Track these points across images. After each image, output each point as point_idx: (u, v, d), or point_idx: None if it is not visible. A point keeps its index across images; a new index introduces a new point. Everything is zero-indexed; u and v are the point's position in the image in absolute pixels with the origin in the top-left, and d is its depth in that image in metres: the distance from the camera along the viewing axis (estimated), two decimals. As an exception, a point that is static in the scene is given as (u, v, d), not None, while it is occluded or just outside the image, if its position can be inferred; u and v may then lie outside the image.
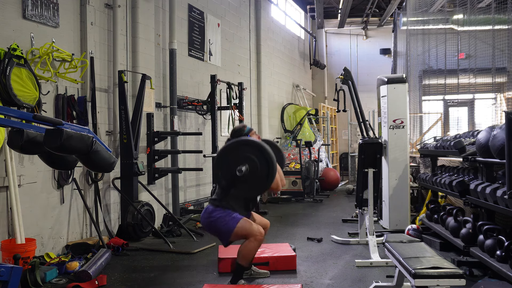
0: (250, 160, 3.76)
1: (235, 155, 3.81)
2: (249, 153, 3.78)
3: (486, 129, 4.18)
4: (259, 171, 3.76)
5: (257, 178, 3.78)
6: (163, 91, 7.18)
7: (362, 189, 5.61)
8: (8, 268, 2.62)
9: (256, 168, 3.75)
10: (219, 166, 3.90)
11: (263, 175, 3.77)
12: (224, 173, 3.84)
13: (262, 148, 3.80)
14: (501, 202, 3.70)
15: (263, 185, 3.85)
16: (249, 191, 3.92)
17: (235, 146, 3.88)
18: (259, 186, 3.88)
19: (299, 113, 12.55)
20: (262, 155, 3.78)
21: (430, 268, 2.96)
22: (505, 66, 7.29)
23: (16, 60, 4.38)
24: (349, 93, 6.93)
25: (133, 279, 4.37)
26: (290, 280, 4.28)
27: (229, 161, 3.80)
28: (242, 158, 3.76)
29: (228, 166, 3.79)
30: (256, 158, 3.77)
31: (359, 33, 15.72)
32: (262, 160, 3.77)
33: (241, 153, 3.79)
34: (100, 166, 3.16)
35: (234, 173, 3.72)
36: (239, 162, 3.73)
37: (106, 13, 6.00)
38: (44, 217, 4.99)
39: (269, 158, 3.77)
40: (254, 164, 3.76)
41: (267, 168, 3.76)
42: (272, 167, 3.76)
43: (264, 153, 3.78)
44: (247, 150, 3.81)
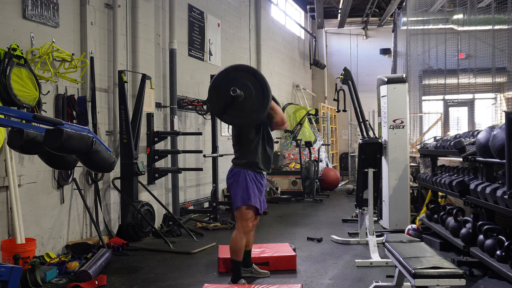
0: (243, 83, 3.76)
1: (228, 81, 3.78)
2: (242, 78, 3.78)
3: (486, 129, 4.18)
4: (254, 93, 3.75)
5: (254, 100, 3.76)
6: (163, 91, 7.18)
7: (362, 189, 5.61)
8: (8, 268, 2.62)
9: (251, 90, 3.75)
10: (213, 90, 3.88)
11: (259, 96, 3.75)
12: (218, 98, 3.83)
13: (254, 71, 3.83)
14: (501, 202, 3.70)
15: (261, 105, 3.78)
16: (248, 116, 3.85)
17: (226, 73, 3.87)
18: (258, 108, 3.80)
19: (299, 113, 12.55)
20: (254, 77, 3.78)
21: (430, 268, 2.96)
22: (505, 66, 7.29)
23: (16, 60, 4.38)
24: (349, 93, 6.93)
25: (133, 279, 4.37)
26: (290, 280, 4.29)
27: (222, 84, 3.79)
28: (235, 83, 3.75)
29: (224, 92, 3.76)
30: (249, 81, 3.77)
31: (359, 33, 15.73)
32: (255, 82, 3.76)
33: (233, 79, 3.78)
34: (100, 166, 3.16)
35: (230, 97, 3.70)
36: (234, 85, 3.72)
37: (106, 13, 6.00)
38: (44, 217, 4.99)
39: (262, 79, 3.77)
40: (247, 87, 3.75)
41: (261, 89, 3.75)
42: (266, 87, 3.76)
43: (256, 75, 3.80)
44: (239, 75, 3.81)
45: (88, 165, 3.16)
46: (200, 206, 8.03)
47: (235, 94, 3.65)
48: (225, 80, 3.81)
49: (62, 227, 5.25)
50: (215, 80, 3.90)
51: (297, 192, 9.93)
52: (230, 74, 3.85)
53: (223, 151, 7.72)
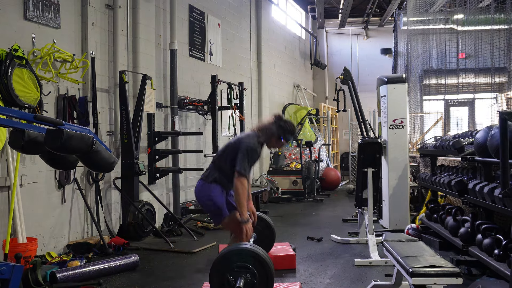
0: (244, 268, 3.34)
1: (230, 266, 3.38)
2: (240, 262, 3.35)
3: (484, 129, 4.20)
4: (257, 276, 3.30)
5: (259, 284, 3.32)
6: (164, 91, 7.21)
7: (361, 189, 5.63)
8: (10, 266, 2.64)
9: (253, 275, 3.30)
10: (215, 283, 3.48)
11: (263, 282, 3.31)
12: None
13: (255, 254, 3.34)
14: (498, 202, 3.72)
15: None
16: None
17: (227, 258, 3.42)
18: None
19: (300, 113, 12.57)
20: (257, 262, 3.33)
21: (428, 267, 2.98)
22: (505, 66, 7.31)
23: (18, 61, 4.41)
24: (349, 93, 6.96)
25: (133, 278, 4.40)
26: (290, 279, 4.31)
27: (224, 275, 3.39)
28: (235, 270, 3.35)
29: (224, 281, 3.39)
30: (250, 264, 3.33)
31: (360, 33, 15.73)
32: (260, 271, 3.32)
33: (235, 264, 3.36)
34: (100, 166, 3.17)
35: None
36: (235, 275, 3.34)
37: (107, 13, 6.03)
38: (46, 217, 5.02)
39: (265, 264, 3.32)
40: (249, 271, 3.32)
41: (265, 274, 3.31)
42: (272, 279, 3.33)
43: (258, 258, 3.33)
44: (237, 259, 3.37)
45: (89, 165, 3.18)
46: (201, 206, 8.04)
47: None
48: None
49: (63, 226, 5.28)
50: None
51: (297, 192, 9.95)
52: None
53: (223, 151, 7.72)
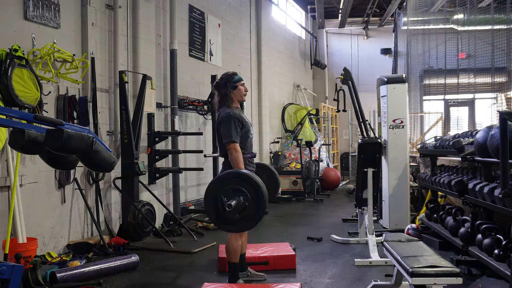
0: (238, 191, 3.49)
1: (225, 187, 3.53)
2: (236, 185, 3.50)
3: (484, 129, 4.20)
4: (249, 202, 3.48)
5: (248, 210, 3.52)
6: (164, 91, 7.21)
7: (361, 189, 5.63)
8: (10, 266, 2.65)
9: (247, 200, 3.48)
10: (208, 202, 3.60)
11: (254, 206, 3.50)
12: (216, 209, 3.56)
13: (250, 179, 3.51)
14: (498, 202, 3.72)
15: (255, 216, 3.57)
16: (244, 223, 3.63)
17: (226, 179, 3.60)
18: (252, 218, 3.58)
19: (300, 113, 12.57)
20: (250, 185, 3.49)
21: (428, 267, 2.98)
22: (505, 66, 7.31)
23: (18, 61, 4.41)
24: (349, 93, 6.95)
25: (133, 278, 4.40)
26: (290, 279, 4.31)
27: (218, 195, 3.52)
28: (232, 192, 3.50)
29: (218, 201, 3.53)
30: (244, 188, 3.49)
31: (360, 33, 15.73)
32: (250, 190, 3.48)
33: (231, 186, 3.51)
34: (100, 166, 3.17)
35: (223, 207, 3.48)
36: (228, 196, 3.48)
37: (107, 13, 6.03)
38: (46, 217, 5.02)
39: (258, 188, 3.48)
40: (243, 194, 3.48)
41: (257, 199, 3.48)
42: (263, 198, 3.50)
43: (252, 183, 3.49)
44: (237, 182, 3.52)
45: (89, 165, 3.18)
46: (201, 206, 8.05)
47: (229, 209, 3.42)
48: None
49: (63, 226, 5.28)
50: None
51: (297, 192, 9.95)
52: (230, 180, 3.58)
53: (223, 151, 7.73)
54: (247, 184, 3.52)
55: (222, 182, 3.60)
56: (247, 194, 3.50)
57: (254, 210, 3.52)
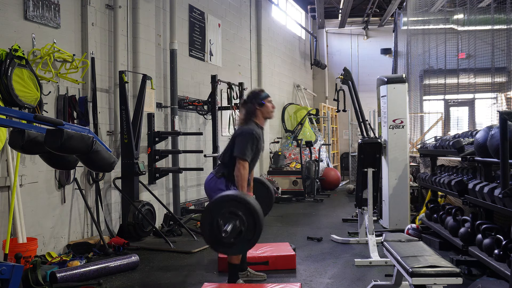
0: (234, 215, 3.41)
1: (219, 212, 3.43)
2: (233, 208, 3.41)
3: (484, 129, 4.20)
4: (245, 226, 3.39)
5: (245, 232, 3.42)
6: (164, 91, 7.21)
7: (361, 189, 5.63)
8: (10, 266, 2.65)
9: (243, 224, 3.39)
10: (205, 225, 3.51)
11: (250, 229, 3.41)
12: (211, 232, 3.46)
13: (247, 203, 3.42)
14: (498, 202, 3.72)
15: (251, 238, 3.46)
16: (238, 247, 3.54)
17: (218, 203, 3.51)
18: (248, 240, 3.48)
19: (299, 113, 12.57)
20: (247, 210, 3.40)
21: (428, 267, 2.98)
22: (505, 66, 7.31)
23: (18, 61, 4.41)
24: (349, 93, 6.96)
25: (133, 278, 4.40)
26: (290, 279, 4.31)
27: (214, 219, 3.43)
28: (226, 215, 3.41)
29: (214, 225, 3.43)
30: (241, 212, 3.39)
31: (360, 33, 15.74)
32: (247, 214, 3.40)
33: (224, 209, 3.42)
34: (100, 166, 3.18)
35: (219, 231, 3.39)
36: (224, 220, 3.39)
37: (107, 13, 6.03)
38: (46, 217, 5.02)
39: (255, 212, 3.40)
40: (239, 218, 3.39)
41: (253, 222, 3.40)
42: (259, 221, 3.42)
43: (250, 208, 3.40)
44: (230, 205, 3.43)
45: (89, 165, 3.18)
46: (201, 206, 8.05)
47: (226, 235, 3.35)
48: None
49: (63, 226, 5.28)
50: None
51: (297, 192, 9.96)
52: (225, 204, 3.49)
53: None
54: (244, 208, 3.41)
55: (218, 205, 3.49)
56: (243, 219, 3.39)
57: (250, 234, 3.42)
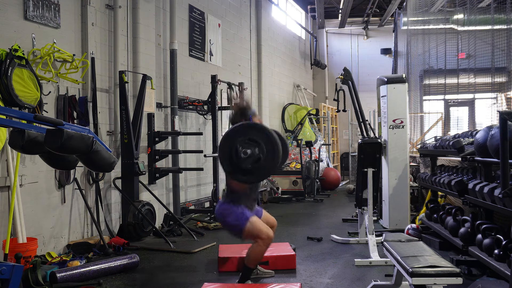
0: (255, 142, 3.68)
1: (239, 138, 3.71)
2: (254, 136, 3.69)
3: (484, 129, 4.20)
4: (264, 153, 3.67)
5: (262, 162, 3.70)
6: (164, 91, 7.21)
7: (361, 189, 5.63)
8: (10, 266, 2.64)
9: (262, 151, 3.67)
10: (223, 150, 3.77)
11: (269, 159, 3.69)
12: (230, 157, 3.73)
13: (267, 131, 3.74)
14: (498, 202, 3.72)
15: (269, 167, 3.76)
16: (256, 175, 3.80)
17: (239, 130, 3.78)
18: (266, 169, 3.77)
19: (299, 113, 12.58)
20: (267, 137, 3.70)
21: (428, 267, 2.98)
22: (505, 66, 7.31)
23: (18, 61, 4.41)
24: (349, 93, 6.96)
25: (133, 278, 4.40)
26: (290, 279, 4.31)
27: (233, 144, 3.69)
28: (247, 141, 3.68)
29: (233, 150, 3.69)
30: (261, 140, 3.69)
31: (360, 33, 15.74)
32: (267, 142, 3.68)
33: (245, 137, 3.70)
34: (100, 166, 3.18)
35: (238, 157, 3.66)
36: (244, 146, 3.66)
37: (107, 13, 6.03)
38: (46, 217, 5.02)
39: (274, 141, 3.69)
40: (259, 146, 3.68)
41: (272, 153, 3.69)
42: (278, 149, 3.70)
43: (269, 135, 3.71)
44: (251, 133, 3.72)
45: (89, 165, 3.18)
46: (201, 206, 8.06)
47: (245, 156, 3.65)
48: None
49: (63, 226, 5.28)
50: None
51: (297, 192, 9.96)
52: (245, 131, 3.77)
53: (223, 151, 7.73)
54: (264, 137, 3.70)
55: (239, 131, 3.75)
56: (263, 147, 3.67)
57: (267, 162, 3.69)
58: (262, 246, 3.90)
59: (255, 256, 3.95)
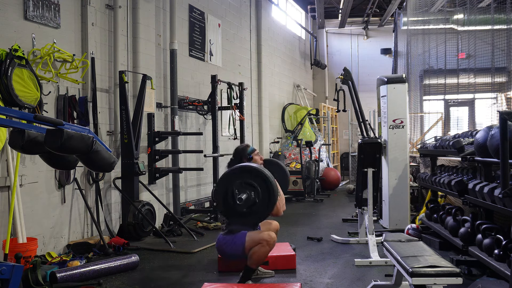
0: (251, 186, 3.72)
1: (236, 182, 3.76)
2: (250, 180, 3.73)
3: (484, 129, 4.20)
4: (260, 199, 3.72)
5: (258, 206, 3.75)
6: (164, 91, 7.21)
7: (361, 189, 5.63)
8: (10, 266, 2.64)
9: (257, 196, 3.72)
10: (219, 193, 3.85)
11: (264, 203, 3.74)
12: (225, 200, 3.81)
13: (263, 174, 3.75)
14: (498, 202, 3.72)
15: (263, 212, 3.83)
16: (249, 218, 3.90)
17: (236, 173, 3.84)
18: (260, 214, 3.86)
19: (299, 113, 12.57)
20: (263, 181, 3.73)
21: (428, 267, 2.98)
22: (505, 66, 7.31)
23: (18, 61, 4.41)
24: (349, 93, 6.95)
25: (133, 278, 4.40)
26: (290, 279, 4.31)
27: (229, 188, 3.75)
28: (243, 185, 3.72)
29: (228, 193, 3.76)
30: (257, 184, 3.72)
31: (360, 33, 15.74)
32: (263, 186, 3.72)
33: (241, 180, 3.74)
34: (100, 166, 3.17)
35: (234, 201, 3.71)
36: (240, 190, 3.70)
37: (107, 13, 6.03)
38: (46, 217, 5.02)
39: (270, 184, 3.72)
40: (255, 190, 3.73)
41: (268, 196, 3.74)
42: (274, 195, 3.74)
43: (265, 179, 3.73)
44: (247, 176, 3.76)
45: (89, 165, 3.18)
46: (201, 206, 8.05)
47: (241, 202, 3.70)
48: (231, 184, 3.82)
49: (63, 226, 5.28)
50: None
51: (297, 192, 9.95)
52: (240, 175, 3.84)
53: (223, 151, 7.75)
54: (260, 181, 3.73)
55: (236, 174, 3.80)
56: (259, 191, 3.71)
57: (263, 207, 3.74)
58: (265, 247, 3.91)
59: (259, 257, 3.95)
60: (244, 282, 3.96)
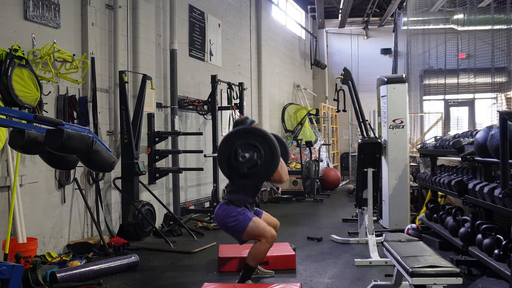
0: (254, 147, 3.77)
1: (239, 142, 3.81)
2: (253, 140, 3.78)
3: (484, 129, 4.20)
4: (262, 158, 3.76)
5: (259, 167, 3.78)
6: (164, 91, 7.21)
7: (361, 189, 5.63)
8: (10, 266, 2.64)
9: (260, 156, 3.76)
10: (222, 153, 3.87)
11: (266, 164, 3.78)
12: (228, 160, 3.83)
13: (266, 136, 3.82)
14: (498, 202, 3.72)
15: (266, 172, 3.85)
16: (252, 179, 3.91)
17: (239, 133, 3.88)
18: (261, 175, 3.88)
19: (299, 113, 12.57)
20: (266, 142, 3.79)
21: (428, 267, 2.98)
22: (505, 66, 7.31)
23: (18, 61, 4.41)
24: (349, 93, 6.96)
25: (133, 278, 4.40)
26: (290, 279, 4.31)
27: (232, 148, 3.79)
28: (246, 145, 3.77)
29: (231, 153, 3.79)
30: (260, 145, 3.78)
31: (360, 33, 15.73)
32: (265, 147, 3.77)
33: (244, 140, 3.79)
34: (100, 166, 3.18)
35: (237, 160, 3.75)
36: (243, 149, 3.75)
37: (107, 13, 6.03)
38: (46, 217, 5.02)
39: (273, 146, 3.78)
40: (257, 151, 3.77)
41: (270, 158, 3.77)
42: (276, 157, 3.77)
43: (268, 140, 3.79)
44: (250, 137, 3.81)
45: (89, 165, 3.18)
46: (201, 206, 8.05)
47: (244, 160, 3.74)
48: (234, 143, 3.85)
49: (63, 226, 5.28)
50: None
51: (297, 192, 9.95)
52: (243, 135, 3.88)
53: (223, 151, 7.73)
54: (264, 143, 3.79)
55: (240, 135, 3.85)
56: (262, 153, 3.76)
57: (263, 170, 3.79)
58: (265, 244, 3.91)
59: (258, 255, 3.95)
60: (244, 282, 3.97)
